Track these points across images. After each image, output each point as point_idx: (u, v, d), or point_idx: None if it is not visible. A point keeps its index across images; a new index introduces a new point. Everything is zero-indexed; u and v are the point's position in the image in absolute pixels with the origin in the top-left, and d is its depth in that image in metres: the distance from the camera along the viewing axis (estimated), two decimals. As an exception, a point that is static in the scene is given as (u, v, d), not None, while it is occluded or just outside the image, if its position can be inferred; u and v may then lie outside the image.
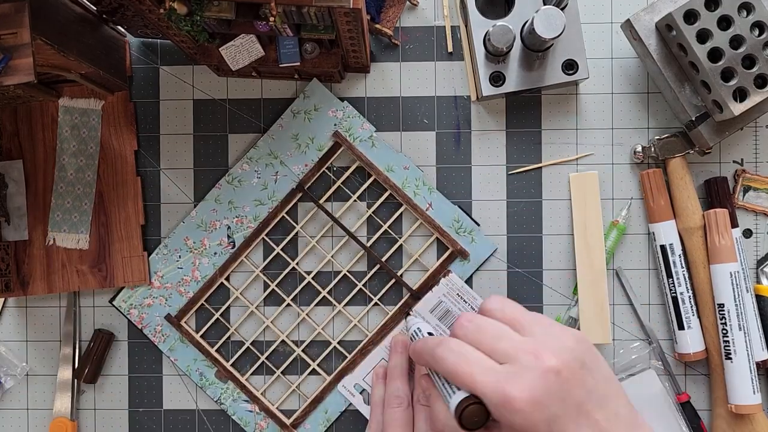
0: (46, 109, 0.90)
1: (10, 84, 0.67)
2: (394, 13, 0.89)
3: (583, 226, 0.88)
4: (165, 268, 0.90)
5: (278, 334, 0.90)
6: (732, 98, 0.77)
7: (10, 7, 0.67)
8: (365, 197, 0.90)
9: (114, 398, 0.91)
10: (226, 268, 0.90)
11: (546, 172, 0.90)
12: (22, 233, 0.90)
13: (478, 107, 0.90)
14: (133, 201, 0.90)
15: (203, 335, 0.91)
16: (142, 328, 0.90)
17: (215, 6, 0.73)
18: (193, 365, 0.90)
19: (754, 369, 0.83)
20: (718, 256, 0.84)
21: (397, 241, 0.89)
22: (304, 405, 0.90)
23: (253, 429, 0.90)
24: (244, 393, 0.90)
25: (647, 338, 0.89)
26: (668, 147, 0.87)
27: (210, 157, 0.91)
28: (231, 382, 0.90)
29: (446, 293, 0.88)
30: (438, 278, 0.88)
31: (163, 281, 0.90)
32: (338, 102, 0.89)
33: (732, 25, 0.77)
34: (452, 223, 0.89)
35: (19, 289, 0.89)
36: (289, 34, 0.78)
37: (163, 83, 0.91)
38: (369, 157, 0.89)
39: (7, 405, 0.92)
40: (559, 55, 0.84)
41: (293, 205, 0.90)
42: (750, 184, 0.88)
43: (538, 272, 0.90)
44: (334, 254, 0.90)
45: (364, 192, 0.90)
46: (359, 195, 0.90)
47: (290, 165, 0.89)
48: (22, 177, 0.90)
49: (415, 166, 0.89)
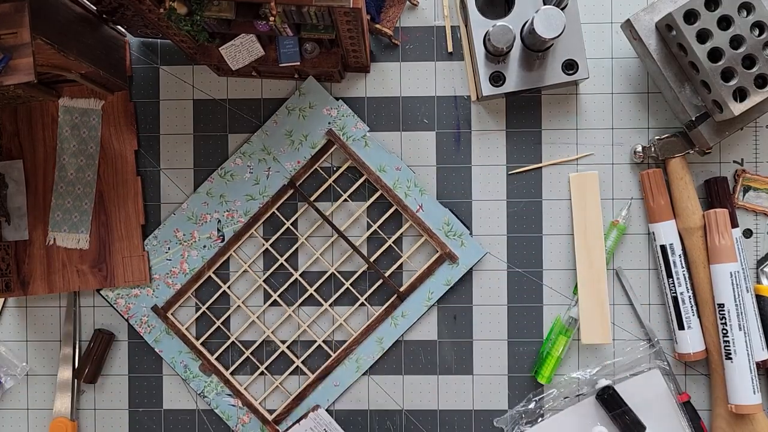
0: (46, 108, 0.90)
1: (10, 84, 0.67)
2: (394, 13, 0.89)
3: (583, 226, 0.88)
4: (154, 260, 0.90)
5: (264, 330, 0.90)
6: (732, 98, 0.77)
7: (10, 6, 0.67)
8: (357, 197, 0.90)
9: (114, 398, 0.91)
10: (215, 262, 0.90)
11: (546, 172, 0.90)
12: (23, 233, 0.90)
13: (478, 107, 0.90)
14: (133, 201, 0.90)
15: (189, 328, 0.91)
16: (128, 318, 0.90)
17: (215, 6, 0.73)
18: (177, 357, 0.90)
19: (754, 369, 0.83)
20: (718, 256, 0.84)
21: (386, 242, 0.90)
22: (287, 401, 0.90)
23: (235, 423, 0.90)
24: (227, 387, 0.90)
25: (647, 338, 0.89)
26: (668, 147, 0.87)
27: (210, 157, 0.91)
28: (215, 376, 0.90)
29: (313, 427, 0.88)
30: (307, 412, 0.88)
31: (152, 272, 0.90)
32: (333, 100, 0.89)
33: (732, 25, 0.77)
34: (442, 226, 0.89)
35: (19, 289, 0.89)
36: (289, 33, 0.78)
37: (163, 83, 0.91)
38: (361, 157, 0.89)
39: (7, 405, 0.92)
40: (559, 55, 0.84)
41: (284, 202, 0.90)
42: (750, 184, 0.88)
43: (538, 272, 0.90)
44: (323, 252, 0.90)
45: (355, 191, 0.90)
46: (350, 194, 0.90)
47: (283, 161, 0.90)
48: (22, 177, 0.90)
49: (407, 168, 0.89)
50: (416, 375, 0.90)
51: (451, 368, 0.90)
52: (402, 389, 0.90)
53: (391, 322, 0.89)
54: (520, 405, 0.89)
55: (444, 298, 0.90)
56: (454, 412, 0.90)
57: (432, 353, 0.90)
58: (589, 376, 0.88)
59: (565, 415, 0.88)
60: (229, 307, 0.91)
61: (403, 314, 0.89)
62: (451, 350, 0.90)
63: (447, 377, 0.90)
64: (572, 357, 0.89)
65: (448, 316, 0.90)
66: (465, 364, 0.90)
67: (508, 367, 0.90)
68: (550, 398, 0.89)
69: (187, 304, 0.91)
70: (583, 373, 0.89)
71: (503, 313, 0.90)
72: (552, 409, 0.89)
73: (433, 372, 0.90)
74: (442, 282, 0.89)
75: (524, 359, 0.90)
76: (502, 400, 0.90)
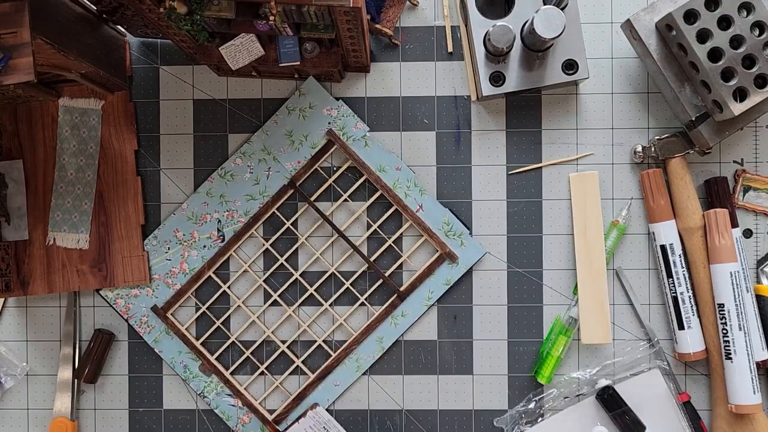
0: (46, 108, 0.90)
1: (10, 83, 0.67)
2: (394, 13, 0.89)
3: (583, 226, 0.88)
4: (154, 260, 0.90)
5: (264, 330, 0.90)
6: (732, 98, 0.77)
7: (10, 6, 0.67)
8: (357, 197, 0.90)
9: (114, 398, 0.91)
10: (215, 262, 0.90)
11: (546, 172, 0.90)
12: (23, 233, 0.90)
13: (478, 107, 0.90)
14: (133, 201, 0.90)
15: (189, 328, 0.91)
16: (128, 318, 0.90)
17: (215, 5, 0.73)
18: (177, 357, 0.90)
19: (754, 369, 0.83)
20: (718, 256, 0.84)
21: (386, 242, 0.90)
22: (287, 401, 0.90)
23: (235, 423, 0.90)
24: (227, 387, 0.90)
25: (647, 338, 0.89)
26: (668, 147, 0.87)
27: (210, 157, 0.91)
28: (215, 376, 0.90)
29: (312, 426, 0.88)
30: (306, 411, 0.88)
31: (151, 272, 0.90)
32: (333, 100, 0.89)
33: (732, 25, 0.77)
34: (442, 226, 0.89)
35: (19, 289, 0.89)
36: (289, 33, 0.78)
37: (163, 83, 0.91)
38: (361, 157, 0.89)
39: (7, 405, 0.92)
40: (559, 55, 0.84)
41: (284, 202, 0.90)
42: (750, 184, 0.88)
43: (538, 272, 0.90)
44: (323, 252, 0.90)
45: (355, 191, 0.90)
46: (350, 194, 0.90)
47: (283, 161, 0.90)
48: (22, 177, 0.90)
49: (407, 168, 0.89)
50: (416, 375, 0.90)
51: (451, 368, 0.90)
52: (402, 389, 0.90)
53: (391, 321, 0.89)
54: (520, 405, 0.89)
55: (444, 298, 0.90)
56: (454, 412, 0.90)
57: (432, 353, 0.90)
58: (589, 376, 0.88)
59: (565, 415, 0.88)
60: (229, 307, 0.91)
61: (403, 314, 0.89)
62: (451, 350, 0.90)
63: (447, 377, 0.90)
64: (572, 357, 0.89)
65: (448, 316, 0.90)
66: (465, 364, 0.90)
67: (508, 367, 0.90)
68: (550, 398, 0.89)
69: (187, 304, 0.91)
70: (583, 373, 0.89)
71: (503, 313, 0.90)
72: (552, 409, 0.89)
73: (433, 372, 0.90)
74: (442, 282, 0.89)
75: (524, 359, 0.90)
76: (502, 400, 0.90)
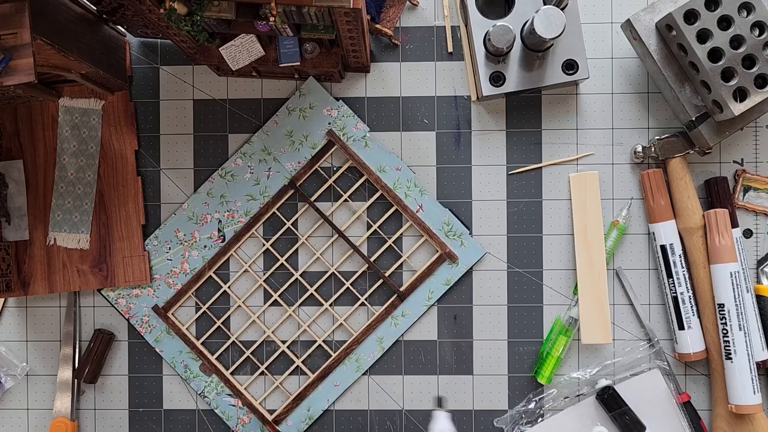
0: (46, 108, 0.90)
1: (11, 84, 0.67)
2: (394, 13, 0.89)
3: (583, 226, 0.88)
4: (154, 260, 0.90)
5: (264, 330, 0.90)
6: (732, 98, 0.77)
7: (10, 7, 0.67)
8: (357, 197, 0.90)
9: (114, 398, 0.92)
10: (215, 262, 0.90)
11: (546, 172, 0.90)
12: (23, 233, 0.90)
13: (478, 107, 0.90)
14: (134, 201, 0.90)
15: (189, 328, 0.91)
16: (129, 318, 0.90)
17: (215, 6, 0.73)
18: (178, 357, 0.90)
19: (754, 369, 0.83)
20: (718, 256, 0.84)
21: (386, 242, 0.90)
22: (287, 402, 0.90)
23: (235, 423, 0.90)
24: (227, 387, 0.90)
25: (647, 338, 0.89)
26: (668, 147, 0.87)
27: (210, 157, 0.91)
28: (215, 376, 0.90)
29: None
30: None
31: (152, 272, 0.90)
32: (333, 101, 0.89)
33: (732, 25, 0.77)
34: (442, 226, 0.89)
35: (19, 289, 0.89)
36: (289, 33, 0.78)
37: (163, 83, 0.91)
38: (361, 157, 0.89)
39: (7, 405, 0.92)
40: (559, 55, 0.84)
41: (284, 202, 0.90)
42: (750, 184, 0.88)
43: (538, 272, 0.90)
44: (323, 252, 0.90)
45: (355, 192, 0.90)
46: (351, 194, 0.90)
47: (283, 162, 0.90)
48: (23, 177, 0.90)
49: (407, 168, 0.89)
50: (416, 375, 0.90)
51: (451, 368, 0.90)
52: (402, 389, 0.90)
53: (391, 321, 0.89)
54: (520, 405, 0.89)
55: (444, 298, 0.90)
56: (454, 412, 0.90)
57: (432, 353, 0.90)
58: (589, 376, 0.88)
59: (565, 415, 0.88)
60: (230, 307, 0.91)
61: (403, 314, 0.90)
62: (451, 350, 0.90)
63: (447, 377, 0.90)
64: (572, 357, 0.90)
65: (448, 316, 0.90)
66: (465, 364, 0.90)
67: (508, 367, 0.90)
68: (550, 398, 0.89)
69: (188, 304, 0.91)
70: (583, 373, 0.89)
71: (503, 313, 0.90)
72: (552, 409, 0.89)
73: (433, 372, 0.90)
74: (442, 282, 0.89)
75: (524, 359, 0.90)
76: (502, 400, 0.90)
